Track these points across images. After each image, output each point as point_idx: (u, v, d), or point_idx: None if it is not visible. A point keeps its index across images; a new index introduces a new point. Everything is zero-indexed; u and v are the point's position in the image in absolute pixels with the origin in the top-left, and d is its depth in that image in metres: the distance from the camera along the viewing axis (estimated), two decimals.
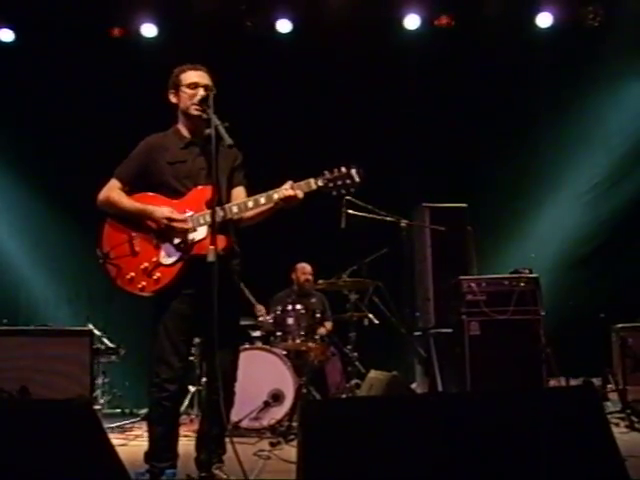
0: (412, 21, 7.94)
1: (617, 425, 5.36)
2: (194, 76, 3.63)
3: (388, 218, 5.65)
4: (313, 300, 6.80)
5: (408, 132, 8.03)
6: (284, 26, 7.95)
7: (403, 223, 5.70)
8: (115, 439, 5.27)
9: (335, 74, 7.91)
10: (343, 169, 3.48)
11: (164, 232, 3.50)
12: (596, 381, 6.25)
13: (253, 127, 6.70)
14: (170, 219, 3.47)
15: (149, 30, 7.90)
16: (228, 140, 3.35)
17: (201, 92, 3.56)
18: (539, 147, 8.10)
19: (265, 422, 5.60)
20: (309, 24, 7.98)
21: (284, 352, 5.94)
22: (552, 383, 5.70)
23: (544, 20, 7.93)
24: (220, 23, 7.82)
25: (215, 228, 3.27)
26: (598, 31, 7.80)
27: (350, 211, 5.43)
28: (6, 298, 8.07)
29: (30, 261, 8.24)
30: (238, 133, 3.43)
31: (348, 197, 5.32)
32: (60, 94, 7.88)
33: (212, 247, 3.21)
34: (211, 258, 3.18)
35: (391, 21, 7.98)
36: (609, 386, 6.28)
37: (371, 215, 5.53)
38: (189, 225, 3.49)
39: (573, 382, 5.90)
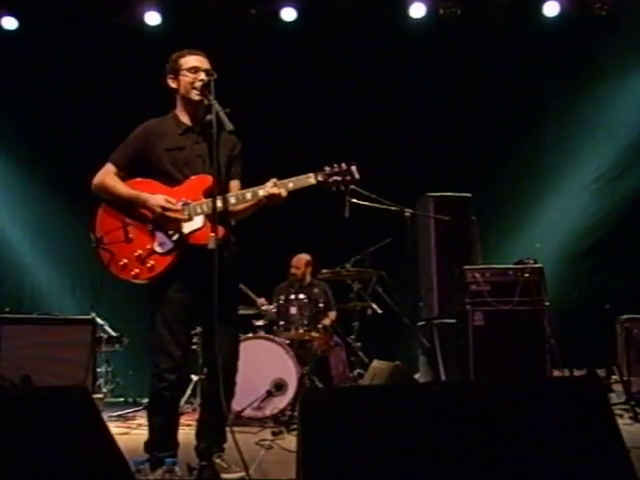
0: (417, 10, 7.89)
1: (621, 417, 5.34)
2: (194, 60, 3.57)
3: (392, 207, 5.62)
4: (316, 290, 6.77)
5: (413, 121, 7.99)
6: (289, 14, 7.90)
7: (407, 213, 5.67)
8: (117, 428, 5.29)
9: (339, 63, 7.86)
10: (343, 165, 3.45)
11: (159, 220, 3.44)
12: (600, 372, 6.22)
13: (256, 116, 6.67)
14: (165, 208, 3.40)
15: (153, 18, 7.86)
16: (229, 126, 3.30)
17: (202, 76, 3.49)
18: (545, 137, 8.05)
19: (267, 411, 5.59)
20: (314, 13, 7.93)
21: (287, 341, 5.92)
22: (556, 374, 5.68)
23: (551, 9, 7.87)
24: (224, 11, 7.78)
25: (215, 217, 3.23)
26: (605, 20, 7.74)
27: (354, 200, 5.40)
28: (10, 287, 8.10)
29: (34, 250, 8.25)
30: (240, 121, 3.38)
31: (352, 186, 5.30)
32: (63, 82, 7.86)
33: (213, 234, 3.18)
34: (212, 246, 3.15)
35: (396, 10, 7.93)
36: (613, 377, 6.25)
37: (375, 204, 5.49)
38: (184, 215, 3.43)
39: (577, 373, 5.88)
